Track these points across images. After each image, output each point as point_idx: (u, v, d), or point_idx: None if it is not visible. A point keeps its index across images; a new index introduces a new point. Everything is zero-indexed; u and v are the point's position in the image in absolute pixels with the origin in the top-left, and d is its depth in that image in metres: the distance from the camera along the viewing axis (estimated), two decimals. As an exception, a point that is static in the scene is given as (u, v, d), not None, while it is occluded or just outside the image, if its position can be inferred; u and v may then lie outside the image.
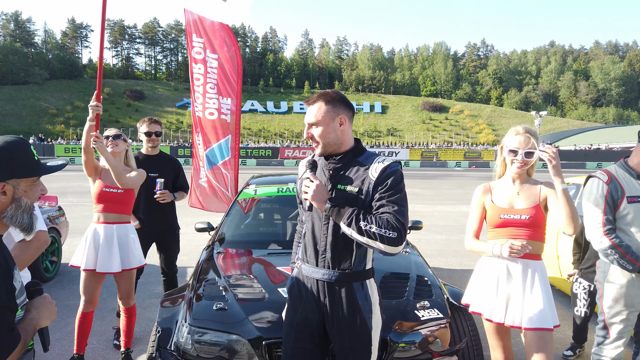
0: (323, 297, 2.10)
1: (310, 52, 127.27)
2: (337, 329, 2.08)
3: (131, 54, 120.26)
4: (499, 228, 2.61)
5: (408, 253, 3.71)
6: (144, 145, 4.22)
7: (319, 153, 2.13)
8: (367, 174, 2.05)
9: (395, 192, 2.01)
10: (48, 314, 1.60)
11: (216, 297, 2.88)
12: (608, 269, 2.82)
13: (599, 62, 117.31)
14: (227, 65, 5.53)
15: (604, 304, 2.85)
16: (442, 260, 7.39)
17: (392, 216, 1.94)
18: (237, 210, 4.47)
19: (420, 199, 16.51)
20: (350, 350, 2.07)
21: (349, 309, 2.06)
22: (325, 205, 2.00)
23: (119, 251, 3.45)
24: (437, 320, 2.73)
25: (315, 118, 2.07)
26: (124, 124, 73.57)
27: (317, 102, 2.09)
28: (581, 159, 47.49)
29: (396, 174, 2.04)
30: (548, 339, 2.45)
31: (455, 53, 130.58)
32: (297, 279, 2.22)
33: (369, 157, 2.12)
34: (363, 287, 2.10)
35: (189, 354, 2.60)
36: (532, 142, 2.52)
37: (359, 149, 2.16)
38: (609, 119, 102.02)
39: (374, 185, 2.02)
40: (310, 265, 2.14)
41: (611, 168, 2.91)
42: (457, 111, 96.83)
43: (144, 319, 4.76)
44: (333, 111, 2.07)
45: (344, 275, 2.07)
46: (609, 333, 2.86)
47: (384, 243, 1.91)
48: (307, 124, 2.12)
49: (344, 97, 2.13)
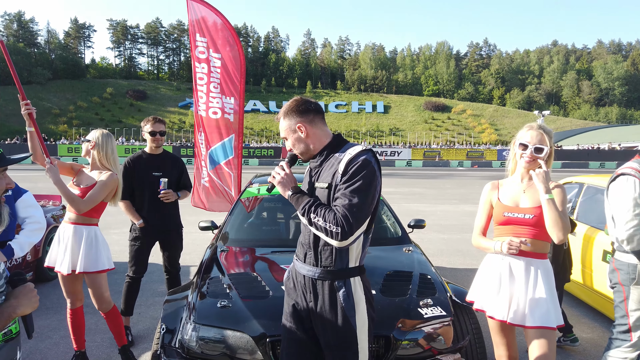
0: (309, 293, 2.13)
1: (313, 51, 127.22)
2: (321, 326, 2.10)
3: (134, 54, 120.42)
4: (503, 226, 2.62)
5: (411, 252, 3.72)
6: (148, 144, 4.23)
7: (303, 160, 2.24)
8: (337, 167, 2.04)
9: (353, 182, 1.96)
10: (28, 302, 1.62)
11: (220, 294, 2.89)
12: (635, 271, 2.74)
13: (602, 61, 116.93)
14: (230, 65, 5.54)
15: (630, 307, 2.78)
16: (444, 259, 7.39)
17: (340, 210, 1.92)
18: (240, 209, 4.49)
19: (422, 198, 16.51)
20: (335, 348, 2.07)
21: (331, 307, 2.06)
22: (287, 192, 2.11)
23: (79, 252, 3.29)
24: (440, 318, 2.73)
25: (282, 133, 2.21)
26: (126, 124, 73.73)
27: (280, 118, 2.20)
28: (584, 159, 47.34)
29: (360, 162, 1.98)
30: (551, 337, 2.45)
31: (457, 52, 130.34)
32: (292, 272, 2.28)
33: (347, 148, 2.11)
34: (346, 285, 2.07)
35: (194, 350, 2.62)
36: (545, 138, 2.51)
37: (336, 143, 2.16)
38: (612, 118, 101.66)
39: (340, 177, 2.00)
40: (299, 261, 2.21)
41: (636, 167, 2.80)
42: (459, 111, 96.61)
43: (147, 317, 4.78)
44: (291, 123, 2.15)
45: (326, 272, 2.08)
46: (631, 336, 2.80)
47: (329, 237, 1.95)
48: (282, 137, 2.23)
49: (299, 104, 2.14)
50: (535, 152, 2.51)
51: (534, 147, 2.51)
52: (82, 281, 3.51)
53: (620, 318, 2.88)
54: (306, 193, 2.12)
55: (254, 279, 3.11)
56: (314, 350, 2.19)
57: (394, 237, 4.10)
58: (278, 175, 2.16)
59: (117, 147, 3.51)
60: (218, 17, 5.60)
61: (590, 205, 5.14)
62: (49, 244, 6.08)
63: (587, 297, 4.93)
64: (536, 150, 2.51)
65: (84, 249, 3.30)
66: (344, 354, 2.07)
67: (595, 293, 4.66)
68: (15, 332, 1.68)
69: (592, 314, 4.98)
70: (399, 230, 4.18)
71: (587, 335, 4.49)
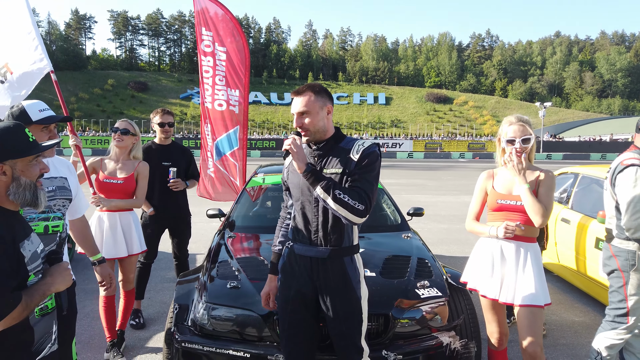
0: (316, 272, 2.30)
1: (314, 43, 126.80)
2: (331, 300, 2.29)
3: (135, 46, 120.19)
4: (496, 212, 2.79)
5: (410, 238, 3.89)
6: (157, 135, 4.40)
7: (306, 140, 2.32)
8: (350, 157, 2.26)
9: (370, 170, 2.22)
10: (62, 279, 1.76)
11: (229, 276, 3.07)
12: (634, 258, 2.88)
13: (605, 52, 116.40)
14: (234, 58, 5.68)
15: (629, 292, 2.93)
16: (443, 247, 7.58)
17: (362, 190, 2.16)
18: (246, 198, 4.66)
19: (423, 189, 16.67)
20: (343, 319, 2.29)
21: (340, 282, 2.28)
22: (304, 166, 2.19)
23: (124, 237, 3.66)
24: (436, 298, 2.91)
25: (306, 107, 2.25)
26: (127, 116, 73.63)
27: (307, 92, 2.27)
28: (585, 150, 47.38)
29: (373, 154, 2.25)
30: (538, 315, 2.63)
31: (459, 44, 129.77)
32: (289, 257, 2.41)
33: (350, 141, 2.34)
34: (352, 260, 2.33)
35: (206, 328, 2.80)
36: (527, 128, 2.69)
37: (339, 135, 2.37)
38: (615, 110, 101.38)
39: (355, 165, 2.23)
40: (302, 244, 2.34)
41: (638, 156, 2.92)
42: (461, 102, 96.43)
43: (157, 301, 4.98)
44: (322, 101, 2.28)
45: (335, 251, 2.28)
46: (628, 319, 2.96)
47: (352, 213, 2.14)
48: (296, 114, 2.29)
49: (327, 89, 2.35)
50: (523, 143, 2.69)
51: (521, 140, 2.69)
52: (114, 268, 3.76)
53: (618, 302, 2.99)
54: (319, 171, 2.22)
55: (260, 262, 3.28)
56: (315, 329, 2.41)
57: (393, 224, 4.28)
58: (293, 144, 2.22)
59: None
60: (221, 9, 5.73)
61: (584, 195, 5.30)
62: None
63: (580, 282, 5.10)
64: (523, 141, 2.69)
65: (132, 234, 3.68)
66: (351, 323, 2.29)
67: (588, 279, 4.83)
68: (51, 308, 1.82)
69: (584, 299, 5.16)
70: (398, 218, 4.35)
71: (579, 319, 4.67)
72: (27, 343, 1.71)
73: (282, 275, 2.44)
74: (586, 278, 4.88)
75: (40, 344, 1.76)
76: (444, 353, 2.78)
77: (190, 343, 2.76)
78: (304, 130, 2.29)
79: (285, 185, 2.51)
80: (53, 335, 1.85)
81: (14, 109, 2.26)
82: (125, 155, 3.75)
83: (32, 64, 3.44)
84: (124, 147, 3.72)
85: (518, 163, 2.68)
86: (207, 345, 2.72)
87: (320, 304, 2.35)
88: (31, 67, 3.44)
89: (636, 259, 2.89)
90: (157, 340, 4.01)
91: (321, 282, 2.30)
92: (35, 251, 1.73)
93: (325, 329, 2.56)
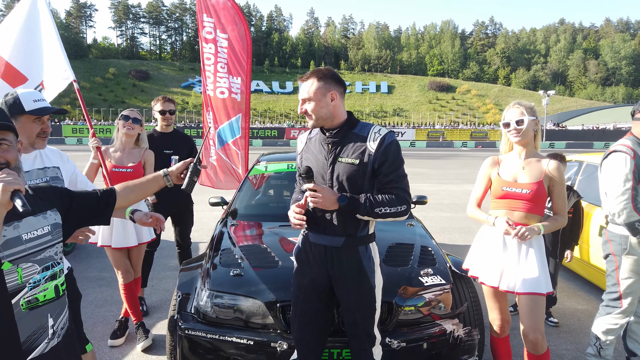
0: (330, 261, 2.28)
1: (316, 31, 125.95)
2: (345, 290, 2.27)
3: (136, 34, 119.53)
4: (500, 199, 2.76)
5: (413, 226, 3.88)
6: (159, 123, 4.37)
7: (311, 125, 2.28)
8: (366, 145, 2.21)
9: (397, 164, 2.22)
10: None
11: (232, 264, 3.06)
12: (626, 242, 2.93)
13: (609, 40, 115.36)
14: (236, 45, 5.62)
15: (621, 276, 2.98)
16: (446, 236, 7.57)
17: (399, 190, 2.19)
18: (248, 186, 4.64)
19: (426, 178, 16.64)
20: (356, 308, 2.28)
21: (355, 271, 2.26)
22: (336, 205, 2.15)
23: (133, 226, 3.66)
24: (439, 286, 2.90)
25: (308, 94, 2.20)
26: (129, 105, 73.58)
27: (310, 78, 2.22)
28: (589, 139, 47.22)
29: (394, 144, 2.22)
30: (540, 303, 2.62)
31: (463, 31, 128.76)
32: (304, 245, 2.39)
33: (364, 127, 2.28)
34: (367, 250, 2.30)
35: (209, 315, 2.80)
36: (521, 110, 2.67)
37: (353, 121, 2.31)
38: (618, 98, 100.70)
39: (374, 157, 2.19)
40: (317, 232, 2.31)
41: (628, 144, 2.96)
42: (464, 91, 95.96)
43: (160, 289, 4.99)
44: (325, 87, 2.20)
45: (350, 240, 2.26)
46: (621, 303, 3.01)
47: (398, 216, 2.20)
48: (300, 100, 2.25)
49: (336, 74, 2.28)
50: (517, 125, 2.66)
51: (516, 121, 2.67)
52: (127, 255, 3.78)
53: (612, 286, 3.06)
54: (351, 196, 2.16)
55: (263, 250, 3.27)
56: (327, 317, 2.41)
57: (396, 212, 4.26)
58: (316, 199, 2.14)
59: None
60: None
61: (588, 183, 5.27)
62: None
63: (584, 271, 5.10)
64: (517, 123, 2.66)
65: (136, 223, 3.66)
66: (365, 312, 2.29)
67: (592, 267, 4.82)
68: (42, 300, 1.62)
69: (587, 287, 5.16)
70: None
71: (582, 306, 4.67)
72: (11, 340, 1.53)
73: (297, 263, 2.43)
74: (589, 266, 4.87)
75: (31, 341, 1.58)
76: (447, 340, 2.78)
77: (193, 330, 2.76)
78: (307, 116, 2.26)
79: (299, 171, 2.48)
80: (50, 330, 1.66)
81: (7, 97, 2.17)
82: (131, 144, 3.76)
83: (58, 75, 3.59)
84: (133, 136, 3.73)
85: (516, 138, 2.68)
86: (210, 333, 2.72)
87: (333, 292, 2.34)
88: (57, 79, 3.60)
89: (628, 244, 2.94)
90: (160, 328, 4.03)
91: (335, 271, 2.28)
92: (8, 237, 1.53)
93: (337, 317, 2.58)
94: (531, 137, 2.72)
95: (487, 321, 3.11)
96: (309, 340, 2.37)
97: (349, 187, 2.22)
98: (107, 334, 3.84)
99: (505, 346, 2.95)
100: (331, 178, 2.24)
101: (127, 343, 3.75)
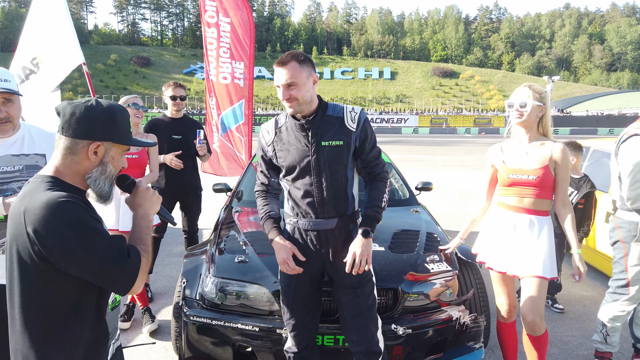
0: (325, 245, 2.31)
1: (318, 16, 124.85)
2: (341, 269, 2.28)
3: (137, 20, 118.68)
4: (508, 187, 2.73)
5: (418, 212, 3.86)
6: (169, 108, 4.35)
7: (292, 112, 2.18)
8: (345, 126, 2.24)
9: (374, 141, 2.34)
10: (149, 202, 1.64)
11: (237, 251, 3.04)
12: (636, 229, 2.88)
13: (615, 24, 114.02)
14: (239, 29, 5.55)
15: (629, 263, 2.95)
16: (450, 223, 7.55)
17: (380, 167, 2.34)
18: (252, 173, 4.61)
19: (429, 165, 16.59)
20: (357, 284, 2.31)
21: (348, 245, 2.28)
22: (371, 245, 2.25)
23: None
24: (446, 272, 2.88)
25: (293, 79, 2.10)
26: (131, 91, 73.40)
27: (291, 62, 2.11)
28: (593, 125, 46.92)
29: (368, 122, 2.31)
30: (542, 286, 2.60)
31: (467, 16, 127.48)
32: (294, 233, 2.37)
33: (335, 108, 2.29)
34: (356, 226, 2.35)
35: (214, 302, 2.79)
36: (529, 94, 2.61)
37: (324, 104, 2.27)
38: (623, 83, 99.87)
39: (355, 135, 2.25)
40: (308, 219, 2.30)
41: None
42: (467, 77, 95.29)
43: (164, 276, 5.00)
44: (307, 71, 2.15)
45: (342, 220, 2.31)
46: (629, 290, 2.99)
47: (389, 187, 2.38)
48: (282, 86, 2.13)
49: (310, 57, 2.26)
50: (520, 107, 2.62)
51: (519, 103, 2.62)
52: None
53: (620, 273, 3.03)
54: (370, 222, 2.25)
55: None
56: (317, 300, 2.46)
57: (401, 199, 4.23)
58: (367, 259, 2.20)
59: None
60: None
61: (595, 169, 5.22)
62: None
63: (590, 257, 5.07)
64: (520, 105, 2.62)
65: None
66: (364, 289, 2.32)
67: (598, 254, 4.80)
68: (117, 301, 1.73)
69: (593, 273, 5.14)
70: (406, 193, 4.31)
71: (587, 293, 4.66)
72: (104, 337, 1.53)
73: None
74: (595, 252, 4.84)
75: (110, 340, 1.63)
76: (454, 327, 2.77)
77: (198, 317, 2.76)
78: (290, 102, 2.15)
79: (266, 165, 2.37)
80: (118, 331, 1.78)
81: None
82: (135, 131, 3.76)
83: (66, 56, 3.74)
84: (139, 123, 3.78)
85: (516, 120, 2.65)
86: (215, 319, 2.72)
87: (324, 277, 2.40)
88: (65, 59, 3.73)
89: (637, 230, 2.89)
90: (164, 314, 4.03)
91: (330, 254, 2.31)
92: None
93: (327, 303, 2.63)
94: (533, 122, 2.66)
95: (493, 307, 3.10)
96: (306, 323, 2.42)
97: (333, 168, 2.22)
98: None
99: (512, 331, 2.94)
100: (317, 164, 2.20)
101: (133, 328, 3.76)
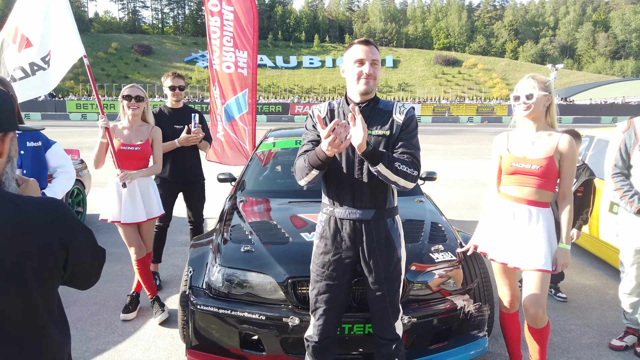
0: (360, 235, 2.32)
1: (320, 3, 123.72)
2: (374, 263, 2.32)
3: (137, 7, 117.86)
4: (510, 175, 2.73)
5: (423, 202, 3.87)
6: (169, 98, 4.35)
7: (365, 90, 2.24)
8: (393, 118, 2.31)
9: (414, 134, 2.32)
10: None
11: (243, 240, 3.06)
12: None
13: (620, 12, 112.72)
14: (242, 18, 5.52)
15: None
16: (454, 212, 7.57)
17: (413, 157, 2.24)
18: (256, 162, 4.62)
19: (432, 154, 16.55)
20: (385, 280, 2.33)
21: (384, 243, 2.32)
22: (366, 146, 2.08)
23: (142, 202, 3.67)
24: (450, 262, 2.90)
25: (377, 57, 2.24)
26: (132, 80, 73.12)
27: (372, 45, 2.25)
28: (596, 114, 46.66)
29: (414, 118, 2.37)
30: (544, 279, 2.62)
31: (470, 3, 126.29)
32: (328, 223, 2.38)
33: (387, 103, 2.38)
34: (394, 222, 2.38)
35: (220, 291, 2.81)
36: (533, 84, 2.59)
37: (377, 97, 2.39)
38: (628, 72, 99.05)
39: (401, 128, 2.30)
40: (344, 208, 2.32)
41: None
42: (470, 65, 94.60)
43: (170, 265, 5.04)
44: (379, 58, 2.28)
45: (380, 212, 2.31)
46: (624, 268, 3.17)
47: (408, 180, 2.19)
48: (369, 62, 2.20)
49: None
50: (527, 99, 2.61)
51: (526, 95, 2.61)
52: (138, 230, 3.80)
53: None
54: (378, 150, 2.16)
55: (273, 226, 3.27)
56: (346, 292, 2.46)
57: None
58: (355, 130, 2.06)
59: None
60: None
61: (599, 158, 5.20)
62: (70, 196, 6.31)
63: (592, 246, 5.09)
64: (527, 97, 2.61)
65: (150, 198, 3.74)
66: (392, 285, 2.35)
67: (601, 243, 4.81)
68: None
69: (596, 262, 5.16)
70: (411, 182, 4.31)
71: (590, 282, 4.69)
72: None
73: (322, 242, 2.42)
74: (599, 242, 4.86)
75: None
76: (458, 316, 2.79)
77: (205, 306, 2.78)
78: (371, 79, 2.22)
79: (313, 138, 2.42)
80: None
81: None
82: (138, 121, 3.75)
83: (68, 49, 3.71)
84: (139, 114, 3.72)
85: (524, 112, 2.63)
86: (222, 308, 2.74)
87: (357, 268, 2.39)
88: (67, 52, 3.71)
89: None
90: (171, 302, 4.07)
91: (364, 246, 2.32)
92: None
93: (357, 292, 2.64)
94: (541, 112, 2.65)
95: (496, 297, 3.12)
96: (330, 315, 2.41)
97: None
98: (119, 308, 3.89)
99: (514, 321, 2.96)
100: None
101: (139, 317, 3.80)
